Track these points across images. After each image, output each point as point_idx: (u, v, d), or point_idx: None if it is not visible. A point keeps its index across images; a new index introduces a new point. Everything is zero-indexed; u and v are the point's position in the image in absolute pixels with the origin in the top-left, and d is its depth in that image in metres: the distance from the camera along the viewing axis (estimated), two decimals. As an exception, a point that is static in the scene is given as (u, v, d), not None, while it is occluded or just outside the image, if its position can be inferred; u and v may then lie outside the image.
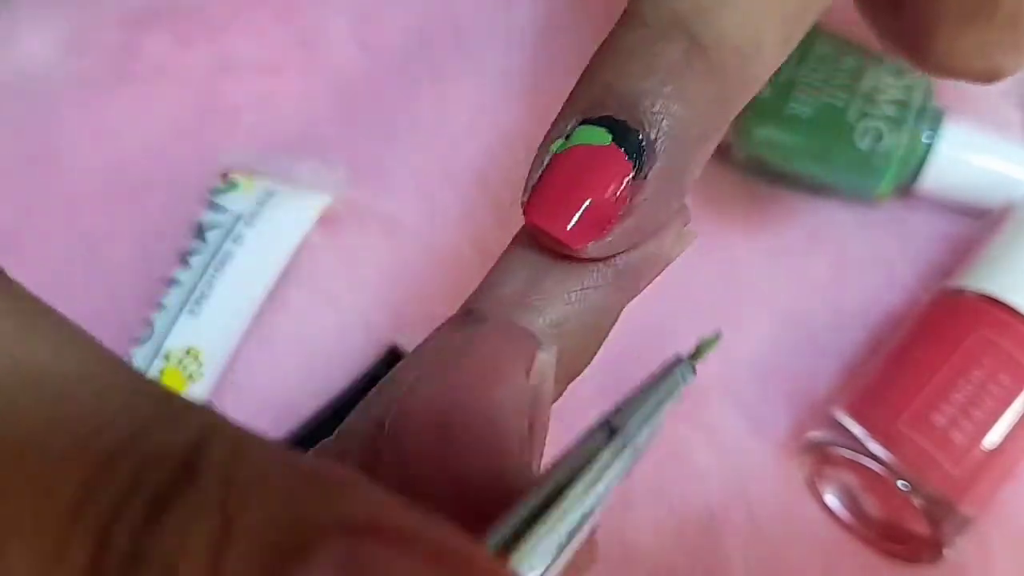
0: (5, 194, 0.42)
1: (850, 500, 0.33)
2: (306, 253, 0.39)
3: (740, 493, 0.34)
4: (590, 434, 0.14)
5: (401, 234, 0.40)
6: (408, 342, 0.38)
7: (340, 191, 0.40)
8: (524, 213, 0.17)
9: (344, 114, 0.43)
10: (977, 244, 0.35)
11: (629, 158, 0.16)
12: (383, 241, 0.40)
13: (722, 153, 0.39)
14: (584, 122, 0.17)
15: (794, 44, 0.18)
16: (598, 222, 0.16)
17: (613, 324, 0.18)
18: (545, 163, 0.17)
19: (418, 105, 0.43)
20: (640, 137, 0.16)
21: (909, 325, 0.34)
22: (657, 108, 0.16)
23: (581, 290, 0.17)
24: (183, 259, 0.39)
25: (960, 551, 0.31)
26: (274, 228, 0.39)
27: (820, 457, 0.33)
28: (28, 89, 0.44)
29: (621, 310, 0.18)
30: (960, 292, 0.33)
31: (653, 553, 0.33)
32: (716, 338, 0.17)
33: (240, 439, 0.11)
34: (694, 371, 0.16)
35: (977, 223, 0.37)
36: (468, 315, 0.17)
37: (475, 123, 0.42)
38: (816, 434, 0.33)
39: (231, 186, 0.40)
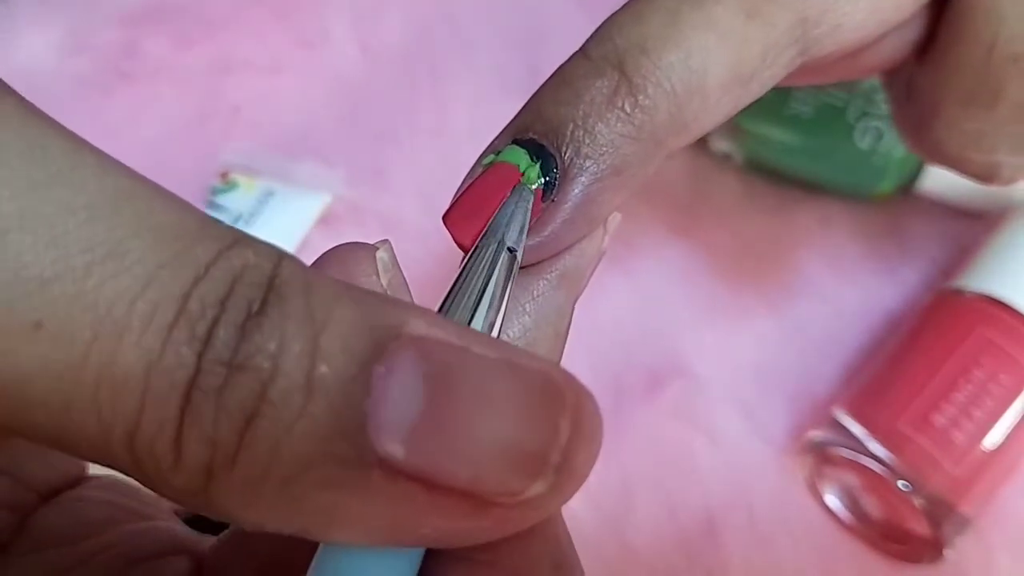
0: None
1: (850, 500, 0.33)
2: (306, 253, 0.39)
3: (740, 493, 0.34)
4: (482, 255, 0.16)
5: (401, 234, 0.40)
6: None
7: (340, 191, 0.40)
8: (442, 219, 0.18)
9: (344, 114, 0.43)
10: (977, 244, 0.35)
11: (544, 182, 0.17)
12: (383, 241, 0.40)
13: (721, 159, 0.39)
14: (514, 142, 0.18)
15: (746, 100, 0.18)
16: None
17: (569, 325, 0.19)
18: (475, 175, 0.18)
19: (418, 105, 0.43)
20: (555, 162, 0.17)
21: (909, 325, 0.34)
22: (577, 137, 0.17)
23: (532, 300, 0.18)
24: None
25: (960, 551, 0.31)
26: (274, 228, 0.39)
27: (820, 457, 0.33)
28: (28, 89, 0.44)
29: (572, 309, 0.19)
30: (960, 292, 0.33)
31: (653, 553, 0.33)
32: (536, 163, 0.17)
33: (306, 267, 0.12)
34: (532, 182, 0.17)
35: (977, 223, 0.37)
36: None
37: (475, 123, 0.42)
38: (816, 434, 0.33)
39: (231, 186, 0.40)
